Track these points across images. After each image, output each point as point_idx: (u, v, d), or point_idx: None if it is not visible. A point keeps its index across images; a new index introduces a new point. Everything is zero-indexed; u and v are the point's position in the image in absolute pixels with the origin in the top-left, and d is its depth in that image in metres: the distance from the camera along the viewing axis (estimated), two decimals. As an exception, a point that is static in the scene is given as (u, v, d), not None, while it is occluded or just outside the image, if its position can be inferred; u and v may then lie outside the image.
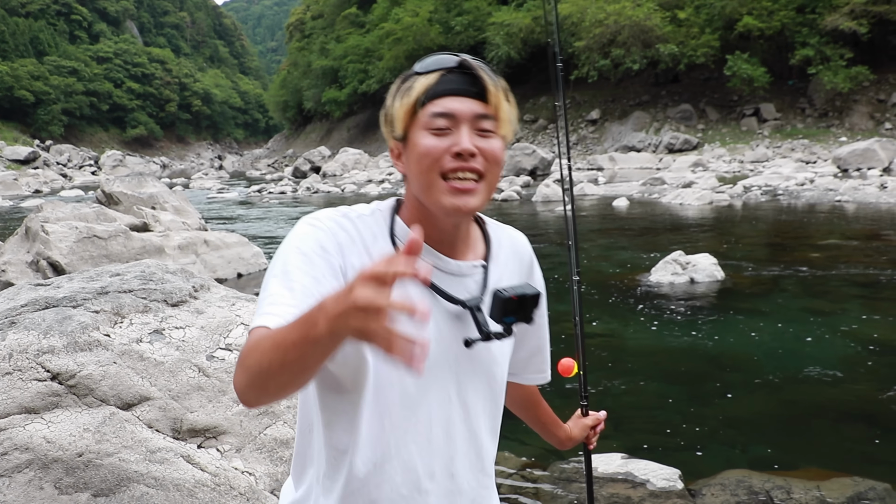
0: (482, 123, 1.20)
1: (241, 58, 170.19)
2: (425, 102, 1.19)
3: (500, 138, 1.23)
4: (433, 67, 1.22)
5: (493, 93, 1.20)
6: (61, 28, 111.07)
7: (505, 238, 1.39)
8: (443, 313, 1.25)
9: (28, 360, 2.68)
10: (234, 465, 2.79)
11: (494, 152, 1.21)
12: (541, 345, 1.52)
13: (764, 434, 4.57)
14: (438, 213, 1.21)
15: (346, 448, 1.25)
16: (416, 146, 1.20)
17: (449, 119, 1.18)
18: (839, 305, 7.73)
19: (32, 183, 36.65)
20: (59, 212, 9.04)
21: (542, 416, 1.68)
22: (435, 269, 1.25)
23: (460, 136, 1.18)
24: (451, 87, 1.20)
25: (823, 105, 41.10)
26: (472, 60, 1.21)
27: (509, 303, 1.23)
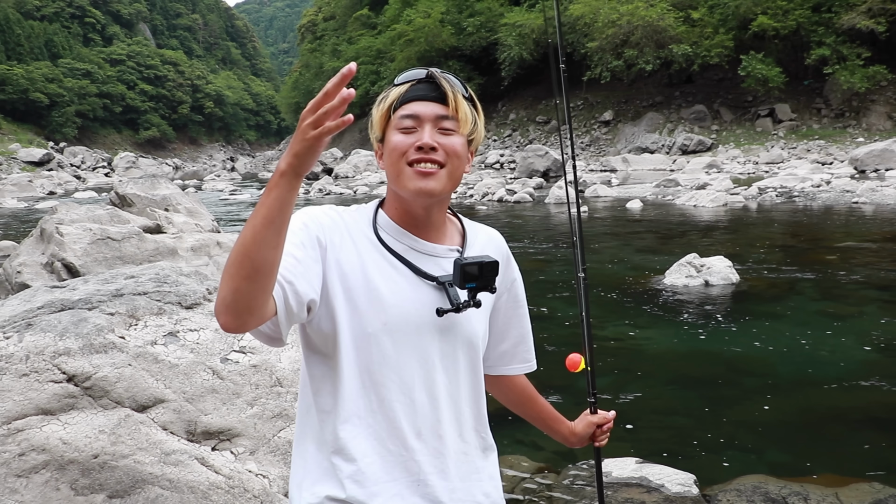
0: (443, 123, 1.41)
1: (254, 59, 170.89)
2: (397, 108, 1.43)
3: (461, 136, 1.42)
4: (406, 80, 1.45)
5: (452, 97, 1.41)
6: (75, 31, 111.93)
7: (481, 232, 1.57)
8: (423, 286, 1.41)
9: (44, 362, 2.69)
10: (248, 467, 2.79)
11: (453, 146, 1.41)
12: (523, 333, 1.65)
13: (781, 439, 4.52)
14: (407, 196, 1.40)
15: (330, 408, 1.39)
16: (388, 143, 1.43)
17: (414, 120, 1.41)
18: (857, 308, 7.65)
19: (47, 185, 36.91)
20: (74, 213, 9.08)
21: (539, 410, 1.75)
22: (412, 250, 1.44)
23: (423, 133, 1.39)
24: (418, 93, 1.42)
25: (840, 105, 40.76)
26: (438, 73, 1.43)
27: (468, 268, 1.36)
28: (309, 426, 1.43)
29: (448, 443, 1.43)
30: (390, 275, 1.40)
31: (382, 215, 1.47)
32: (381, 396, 1.38)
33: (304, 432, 1.45)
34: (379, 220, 1.46)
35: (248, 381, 2.98)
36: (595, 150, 45.21)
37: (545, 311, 7.87)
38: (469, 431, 1.48)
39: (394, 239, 1.43)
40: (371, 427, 1.38)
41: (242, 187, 36.35)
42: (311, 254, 1.33)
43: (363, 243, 1.41)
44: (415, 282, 1.41)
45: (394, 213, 1.46)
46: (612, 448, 4.29)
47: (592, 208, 19.11)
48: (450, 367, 1.43)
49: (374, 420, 1.38)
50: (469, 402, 1.48)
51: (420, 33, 54.67)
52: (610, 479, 3.81)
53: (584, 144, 46.72)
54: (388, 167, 1.43)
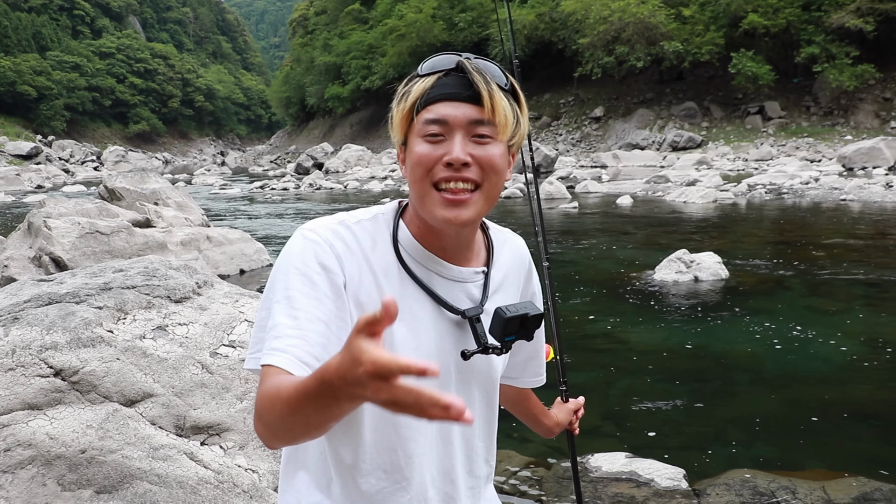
0: (478, 129, 1.16)
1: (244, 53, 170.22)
2: (420, 108, 1.17)
3: (499, 143, 1.19)
4: (431, 70, 1.19)
5: (488, 97, 1.15)
6: (64, 23, 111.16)
7: (507, 244, 1.40)
8: (444, 321, 1.25)
9: (31, 356, 2.67)
10: (237, 462, 2.77)
11: (491, 159, 1.18)
12: (537, 349, 1.54)
13: (769, 434, 4.54)
14: (434, 224, 1.20)
15: (351, 461, 1.23)
16: (411, 153, 1.19)
17: (442, 125, 1.16)
18: (844, 304, 7.70)
19: (35, 178, 36.63)
20: (62, 207, 9.03)
21: (532, 408, 1.68)
22: (437, 276, 1.25)
23: (453, 144, 1.15)
24: (446, 91, 1.17)
25: (829, 103, 41.00)
26: (470, 62, 1.17)
27: (511, 322, 1.22)
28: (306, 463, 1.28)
29: (459, 485, 1.32)
30: (414, 311, 1.22)
31: (404, 231, 1.25)
32: (408, 451, 1.24)
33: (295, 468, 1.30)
34: (400, 236, 1.25)
35: (237, 376, 2.97)
36: (585, 147, 45.28)
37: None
38: (479, 465, 1.38)
39: (417, 263, 1.24)
40: (396, 483, 1.24)
41: (232, 181, 36.21)
42: (337, 304, 1.14)
43: (383, 271, 1.21)
44: (436, 315, 1.24)
45: (417, 230, 1.25)
46: (601, 443, 4.31)
47: (583, 204, 19.14)
48: (469, 405, 1.29)
49: (401, 476, 1.24)
50: (482, 436, 1.37)
51: (411, 28, 54.62)
52: (599, 474, 3.82)
53: (574, 140, 46.78)
54: (410, 183, 1.20)
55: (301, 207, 21.54)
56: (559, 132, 48.62)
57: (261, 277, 9.78)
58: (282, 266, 1.17)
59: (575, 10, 44.87)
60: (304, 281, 1.13)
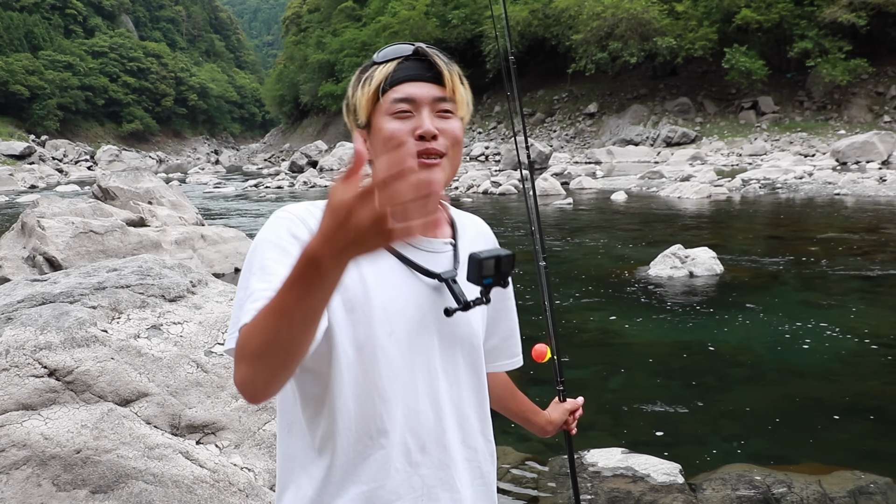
0: (441, 105, 1.28)
1: (238, 52, 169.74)
2: (387, 89, 1.27)
3: (458, 119, 1.30)
4: (391, 56, 1.30)
5: (449, 77, 1.29)
6: (56, 22, 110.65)
7: (468, 221, 1.45)
8: (421, 286, 1.28)
9: (25, 357, 2.66)
10: (233, 461, 2.77)
11: (454, 132, 1.28)
12: (511, 327, 1.56)
13: (764, 428, 4.55)
14: None
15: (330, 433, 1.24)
16: (381, 131, 1.27)
17: (410, 103, 1.26)
18: (839, 299, 7.72)
19: (28, 178, 36.48)
20: (56, 207, 9.00)
21: (520, 404, 1.69)
22: (409, 247, 1.29)
23: (422, 118, 1.25)
24: (410, 73, 1.28)
25: (822, 98, 41.09)
26: (426, 48, 1.30)
27: (486, 263, 1.25)
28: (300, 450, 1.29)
29: (453, 453, 1.32)
30: (388, 277, 1.25)
31: None
32: (392, 413, 1.25)
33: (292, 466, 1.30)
34: None
35: (232, 374, 2.96)
36: (580, 143, 45.30)
37: (521, 302, 7.89)
38: (475, 436, 1.38)
39: None
40: (383, 448, 1.25)
41: (227, 180, 36.12)
42: None
43: None
44: (413, 282, 1.27)
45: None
46: (597, 438, 4.31)
47: (577, 200, 19.15)
48: (450, 371, 1.32)
49: (386, 440, 1.25)
50: (474, 406, 1.38)
51: (405, 25, 54.52)
52: (596, 469, 3.82)
53: (568, 137, 46.79)
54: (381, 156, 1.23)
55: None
56: (553, 128, 48.64)
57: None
58: (257, 243, 1.21)
59: (568, 7, 44.86)
60: (278, 251, 1.16)
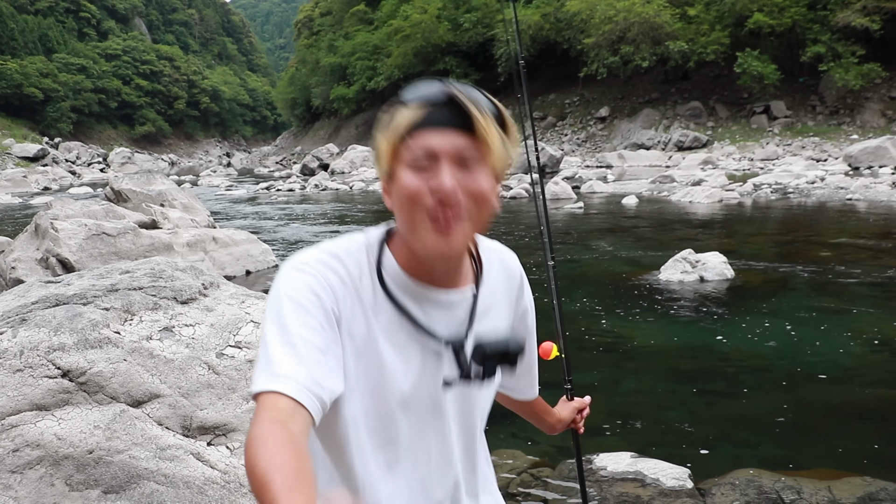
0: (466, 157, 1.12)
1: (250, 55, 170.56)
2: (407, 137, 1.13)
3: (488, 171, 1.14)
4: (418, 100, 1.13)
5: (481, 121, 1.10)
6: (70, 25, 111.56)
7: (495, 259, 1.36)
8: (427, 349, 1.23)
9: (39, 357, 2.69)
10: (243, 462, 2.78)
11: (481, 189, 1.13)
12: (528, 365, 1.53)
13: (774, 433, 4.54)
14: (423, 254, 1.17)
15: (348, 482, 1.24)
16: (398, 182, 1.14)
17: (431, 154, 1.11)
18: (850, 304, 7.68)
19: (41, 180, 36.79)
20: (69, 209, 9.07)
21: (535, 406, 1.68)
22: (425, 301, 1.23)
23: (442, 174, 1.10)
24: (435, 118, 1.12)
25: (835, 102, 40.88)
26: (459, 93, 1.11)
27: (490, 358, 1.23)
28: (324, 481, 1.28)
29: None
30: (401, 340, 1.21)
31: (390, 260, 1.23)
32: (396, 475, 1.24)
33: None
34: (385, 263, 1.22)
35: (243, 376, 2.98)
36: (591, 146, 45.24)
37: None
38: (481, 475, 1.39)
39: (401, 291, 1.22)
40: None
41: (238, 183, 36.28)
42: (331, 335, 1.13)
43: (370, 302, 1.20)
44: (425, 344, 1.23)
45: (403, 259, 1.22)
46: (606, 442, 4.31)
47: (588, 204, 19.13)
48: (466, 427, 1.31)
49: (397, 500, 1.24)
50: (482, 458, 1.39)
51: (416, 29, 54.65)
52: (605, 474, 3.83)
53: (579, 140, 46.74)
54: (398, 213, 1.16)
55: (307, 208, 21.57)
56: (564, 132, 48.60)
57: (267, 278, 9.80)
58: (276, 296, 1.16)
59: (580, 10, 44.85)
60: (299, 309, 1.12)
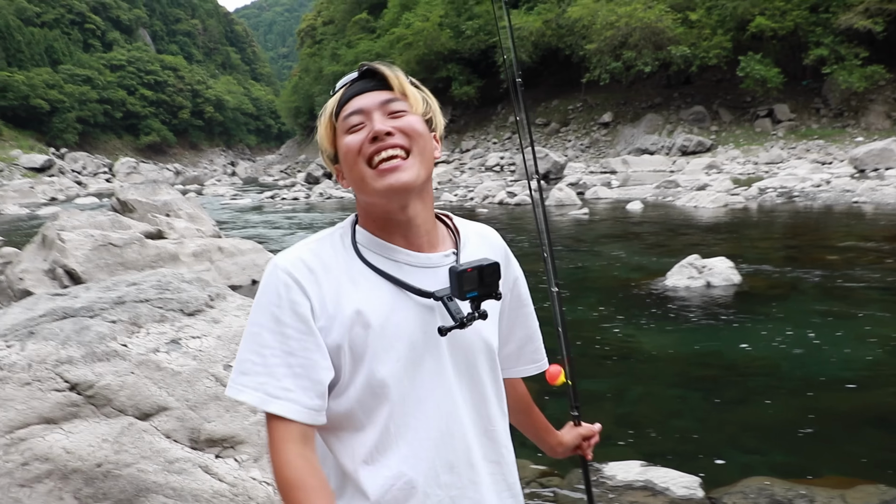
0: (392, 106, 1.26)
1: (253, 64, 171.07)
2: (338, 112, 1.28)
3: (415, 114, 1.27)
4: (341, 84, 1.31)
5: (394, 78, 1.27)
6: (75, 37, 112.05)
7: (472, 230, 1.41)
8: (419, 308, 1.26)
9: (47, 371, 2.68)
10: (252, 474, 2.78)
11: (411, 125, 1.25)
12: (530, 333, 1.54)
13: (785, 441, 4.51)
14: (379, 199, 1.24)
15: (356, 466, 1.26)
16: (341, 150, 1.27)
17: (360, 114, 1.25)
18: (859, 308, 7.64)
19: (48, 191, 36.93)
20: (75, 220, 9.08)
21: (534, 421, 1.68)
22: (405, 265, 1.27)
23: (372, 122, 1.24)
24: (356, 89, 1.28)
25: (839, 105, 40.77)
26: (373, 64, 1.29)
27: (465, 275, 1.23)
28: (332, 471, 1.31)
29: (480, 469, 1.32)
30: (387, 302, 1.24)
31: (362, 232, 1.30)
32: (410, 440, 1.25)
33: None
34: (359, 237, 1.29)
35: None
36: (594, 152, 45.21)
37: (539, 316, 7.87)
38: (500, 450, 1.39)
39: (379, 256, 1.27)
40: (405, 475, 1.25)
41: (243, 192, 36.35)
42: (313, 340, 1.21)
43: (349, 276, 1.25)
44: (410, 304, 1.26)
45: (372, 225, 1.29)
46: (616, 451, 4.28)
47: (592, 210, 19.10)
48: (468, 386, 1.31)
49: (408, 466, 1.25)
50: (499, 418, 1.39)
51: (419, 37, 54.70)
52: (614, 483, 3.80)
53: (583, 146, 46.73)
54: (348, 174, 1.27)
55: (311, 216, 21.59)
56: (568, 138, 48.59)
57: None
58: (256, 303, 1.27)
59: (581, 17, 44.84)
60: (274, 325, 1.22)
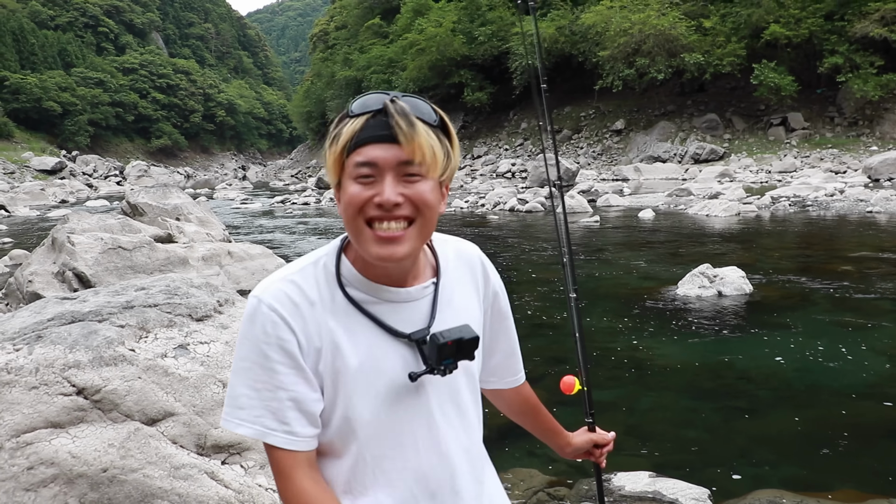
0: (407, 169, 1.18)
1: (265, 68, 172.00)
2: (351, 151, 1.19)
3: (429, 179, 1.20)
4: (361, 110, 1.20)
5: (407, 140, 1.16)
6: (89, 40, 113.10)
7: (451, 251, 1.40)
8: (399, 346, 1.28)
9: (54, 375, 2.68)
10: (257, 481, 2.76)
11: (422, 196, 1.19)
12: (512, 346, 1.55)
13: (795, 453, 4.46)
14: (371, 260, 1.23)
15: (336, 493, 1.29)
16: (344, 194, 1.21)
17: (372, 167, 1.18)
18: (872, 320, 7.57)
19: (59, 193, 37.16)
20: (85, 223, 9.11)
21: (542, 421, 1.69)
22: (386, 302, 1.28)
23: (383, 185, 1.17)
24: (375, 133, 1.18)
25: (853, 113, 40.57)
26: (394, 104, 1.18)
27: (445, 348, 1.25)
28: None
29: (465, 494, 1.35)
30: (368, 338, 1.26)
31: (347, 266, 1.28)
32: (387, 471, 1.28)
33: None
34: (343, 270, 1.28)
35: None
36: (607, 160, 45.13)
37: (551, 324, 7.84)
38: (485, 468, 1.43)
39: (362, 293, 1.28)
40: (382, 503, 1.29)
41: (254, 196, 36.47)
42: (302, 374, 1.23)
43: (332, 311, 1.26)
44: (393, 341, 1.28)
45: (361, 264, 1.28)
46: (625, 461, 4.25)
47: (604, 218, 19.05)
48: (456, 412, 1.34)
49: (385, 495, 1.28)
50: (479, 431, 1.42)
51: (431, 42, 54.82)
52: (623, 493, 3.77)
53: (595, 153, 46.67)
54: (345, 222, 1.23)
55: (322, 222, 21.63)
56: (580, 145, 48.55)
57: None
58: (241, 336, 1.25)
59: (595, 23, 44.86)
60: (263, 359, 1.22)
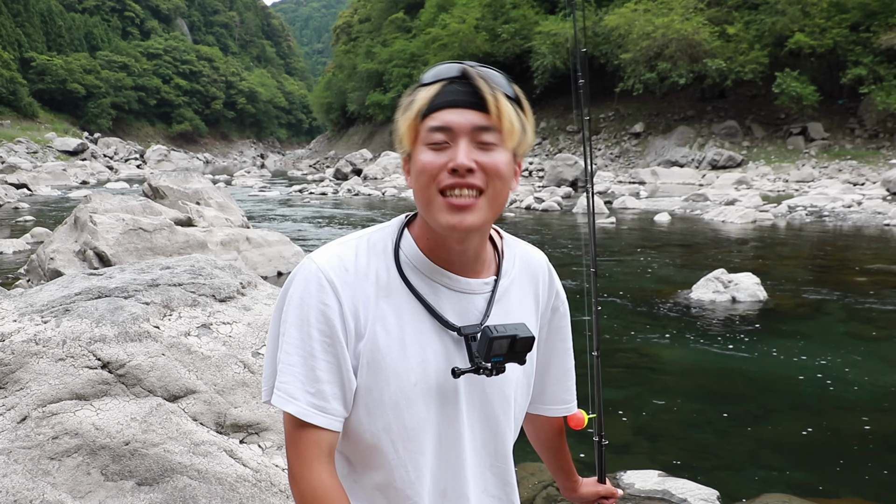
0: (483, 136, 1.14)
1: (288, 58, 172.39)
2: (425, 116, 1.16)
3: (505, 150, 1.16)
4: (435, 78, 1.18)
5: (493, 103, 1.14)
6: (114, 24, 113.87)
7: (519, 254, 1.35)
8: (444, 336, 1.23)
9: (80, 348, 2.74)
10: (275, 461, 2.81)
11: (496, 166, 1.15)
12: (564, 372, 1.47)
13: (804, 459, 4.47)
14: (440, 230, 1.18)
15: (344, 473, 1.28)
16: (416, 162, 1.17)
17: (446, 133, 1.14)
18: (884, 331, 7.54)
19: (80, 174, 37.54)
20: (107, 203, 9.22)
21: (560, 462, 1.62)
22: (443, 288, 1.22)
23: (457, 150, 1.13)
24: (451, 98, 1.15)
25: (874, 126, 40.18)
26: (474, 69, 1.16)
27: (497, 343, 1.18)
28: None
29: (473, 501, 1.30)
30: (416, 327, 1.21)
31: (410, 244, 1.24)
32: (416, 463, 1.23)
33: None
34: (404, 247, 1.24)
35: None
36: (624, 162, 44.97)
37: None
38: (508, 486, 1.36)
39: (422, 276, 1.23)
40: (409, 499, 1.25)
41: (272, 184, 36.63)
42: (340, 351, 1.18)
43: (385, 288, 1.21)
44: (442, 331, 1.23)
45: (425, 243, 1.23)
46: (635, 460, 4.28)
47: (620, 220, 19.01)
48: (482, 420, 1.28)
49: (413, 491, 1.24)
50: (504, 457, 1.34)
51: (454, 38, 54.76)
52: (632, 491, 3.79)
53: (613, 156, 46.51)
54: (416, 192, 1.19)
55: (339, 212, 21.71)
56: (598, 147, 48.38)
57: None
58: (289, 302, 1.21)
59: (618, 25, 44.66)
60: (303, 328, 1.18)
